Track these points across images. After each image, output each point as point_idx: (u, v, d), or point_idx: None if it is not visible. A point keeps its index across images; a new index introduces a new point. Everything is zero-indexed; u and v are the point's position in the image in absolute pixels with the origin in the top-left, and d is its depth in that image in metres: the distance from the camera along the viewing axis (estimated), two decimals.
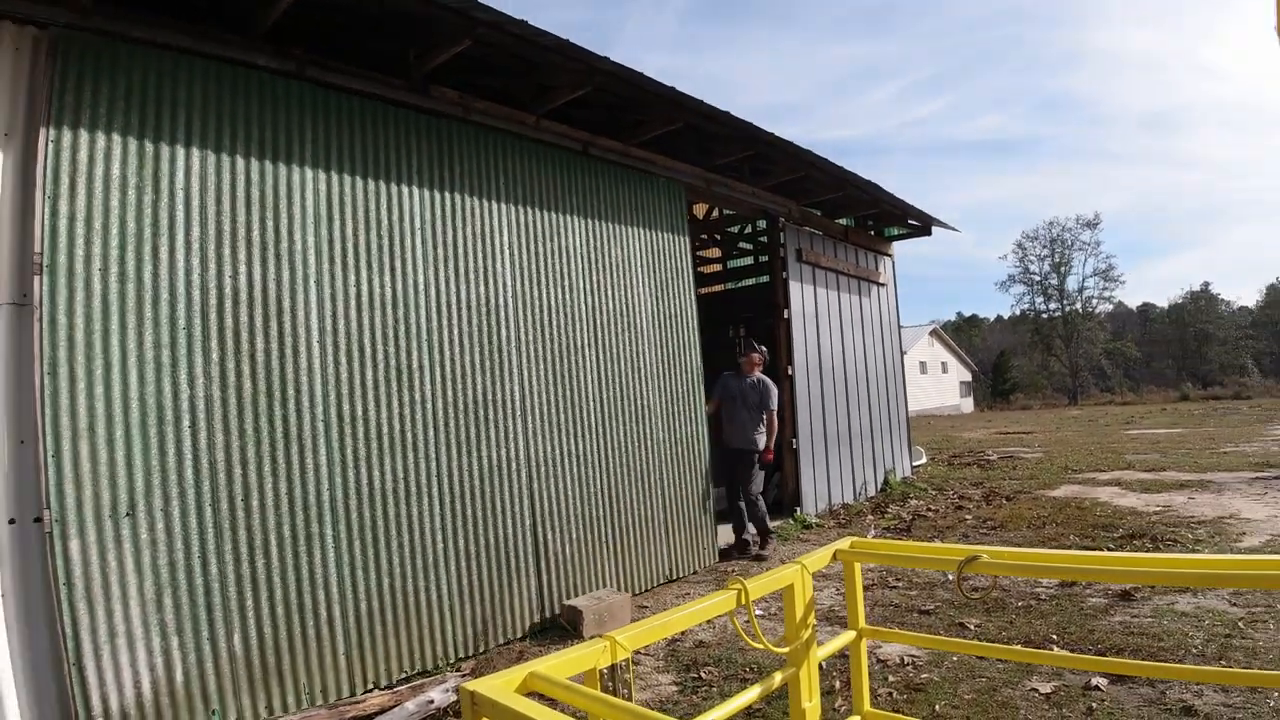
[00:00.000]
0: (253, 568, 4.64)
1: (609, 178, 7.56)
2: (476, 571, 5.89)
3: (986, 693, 4.39)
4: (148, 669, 4.17)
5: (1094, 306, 69.44)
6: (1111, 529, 8.40)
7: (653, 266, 7.96)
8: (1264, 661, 4.49)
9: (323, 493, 5.02)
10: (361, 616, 5.13)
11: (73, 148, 4.18)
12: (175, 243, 4.52)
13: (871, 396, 12.44)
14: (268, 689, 4.64)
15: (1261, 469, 12.19)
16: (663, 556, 7.65)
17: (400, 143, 5.75)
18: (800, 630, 2.38)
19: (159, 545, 4.27)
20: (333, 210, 5.30)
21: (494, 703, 1.40)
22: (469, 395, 5.98)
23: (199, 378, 4.53)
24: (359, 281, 5.38)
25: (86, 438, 4.07)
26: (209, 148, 4.73)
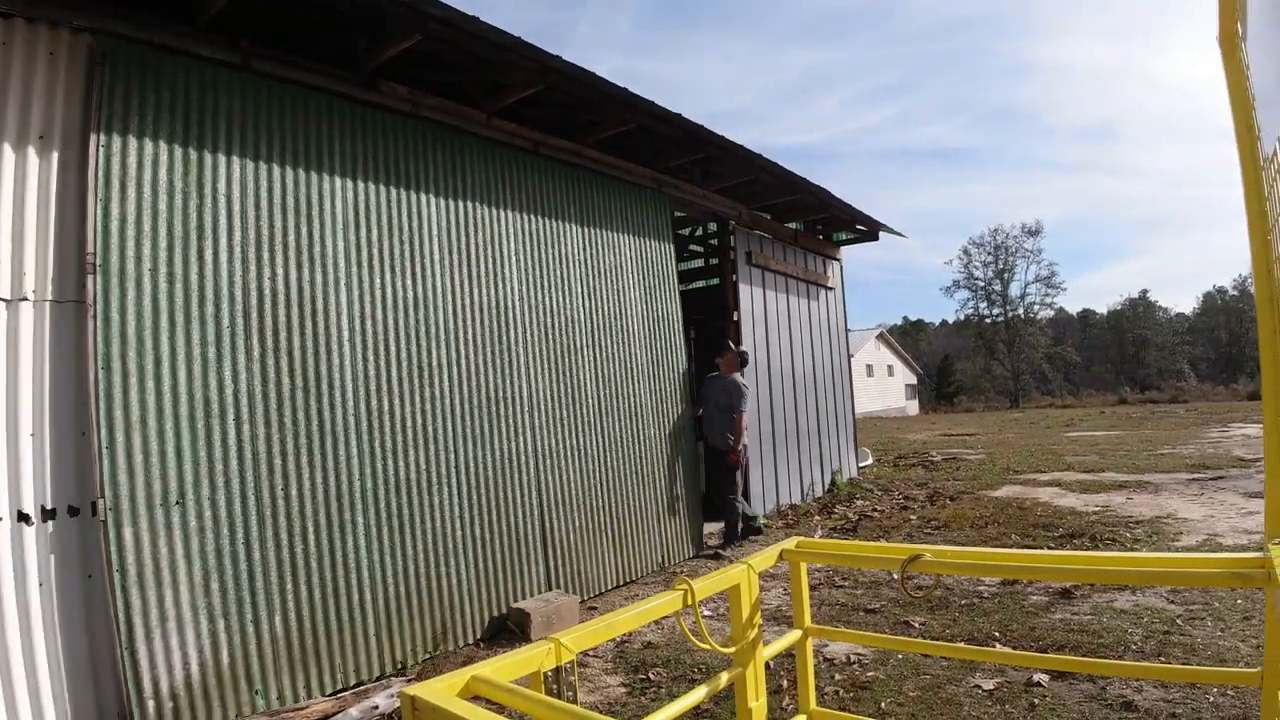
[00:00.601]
0: (292, 553, 4.92)
1: (603, 189, 8.02)
2: (491, 557, 6.25)
3: (931, 690, 4.44)
4: (196, 651, 4.41)
5: (1036, 312, 71.10)
6: (1052, 528, 8.56)
7: (642, 272, 8.46)
8: (1202, 658, 4.59)
9: (354, 483, 5.33)
10: (390, 600, 5.45)
11: (122, 153, 4.40)
12: (219, 245, 4.78)
13: (819, 398, 12.55)
14: (306, 669, 4.91)
15: (1197, 470, 12.51)
16: (655, 545, 8.15)
17: (418, 153, 6.11)
18: (746, 630, 2.37)
19: (206, 532, 4.52)
20: (359, 216, 5.61)
21: (435, 707, 1.37)
22: (483, 392, 6.37)
23: (241, 373, 4.80)
24: (384, 284, 5.71)
25: (139, 430, 4.30)
26: (247, 156, 4.99)
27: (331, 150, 5.48)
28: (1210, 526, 8.13)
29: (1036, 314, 71.18)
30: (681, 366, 8.88)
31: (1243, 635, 4.88)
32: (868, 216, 12.56)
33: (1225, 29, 2.04)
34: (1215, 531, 7.87)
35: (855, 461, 13.91)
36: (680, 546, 8.50)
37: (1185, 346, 74.92)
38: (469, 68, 6.30)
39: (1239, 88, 2.02)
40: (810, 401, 12.23)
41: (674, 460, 8.56)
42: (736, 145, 8.47)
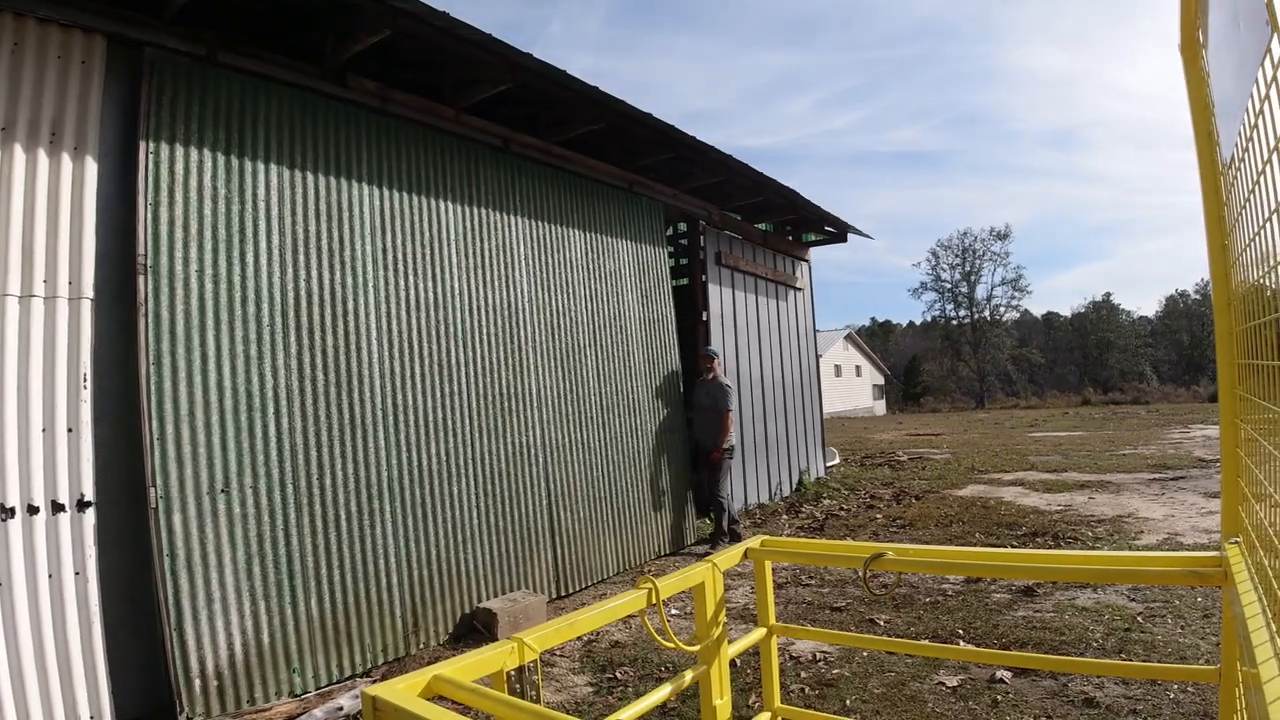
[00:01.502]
0: (326, 539, 5.21)
1: (605, 197, 8.45)
2: (504, 544, 6.59)
3: (895, 687, 4.47)
4: (239, 631, 4.64)
5: (1002, 314, 71.89)
6: (1015, 527, 8.66)
7: (639, 276, 8.87)
8: (1162, 655, 4.66)
9: (381, 473, 5.63)
10: (414, 584, 5.76)
11: (170, 160, 4.63)
12: (259, 248, 5.04)
13: (787, 398, 12.60)
14: (339, 649, 5.19)
15: (1159, 470, 12.71)
16: (653, 536, 8.56)
17: (437, 161, 6.42)
18: (711, 628, 2.38)
19: (249, 519, 4.78)
20: (385, 222, 5.90)
21: (396, 707, 1.36)
22: (496, 388, 6.71)
23: (280, 370, 5.07)
24: (408, 286, 6.02)
25: (187, 422, 4.55)
26: (284, 163, 5.25)
27: (359, 158, 5.75)
28: (1170, 526, 8.26)
29: (1002, 316, 72.02)
30: (674, 365, 9.28)
31: (1202, 633, 4.96)
32: (836, 218, 12.63)
33: (1186, 36, 2.07)
34: (1175, 531, 8.00)
35: (823, 461, 13.98)
36: (673, 539, 8.89)
37: (1148, 349, 76.01)
38: (439, 64, 6.26)
39: (1199, 95, 2.05)
40: (778, 401, 12.28)
41: (668, 454, 8.96)
42: (707, 146, 8.48)
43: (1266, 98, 1.16)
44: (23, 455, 3.98)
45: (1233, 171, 1.66)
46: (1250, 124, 1.33)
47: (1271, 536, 1.47)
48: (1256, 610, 1.39)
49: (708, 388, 9.32)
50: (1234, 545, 1.90)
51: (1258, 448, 1.67)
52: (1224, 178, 1.87)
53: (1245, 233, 1.54)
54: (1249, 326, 1.63)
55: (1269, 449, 1.51)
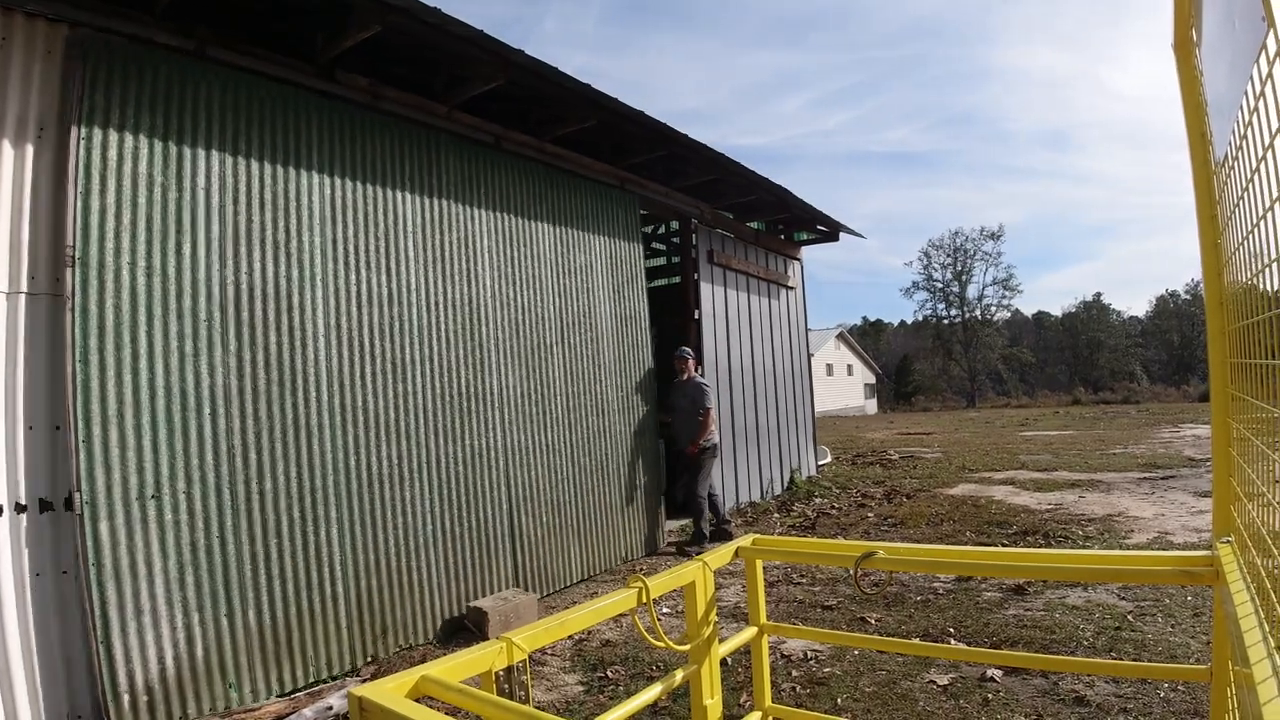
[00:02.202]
0: (266, 547, 4.94)
1: (576, 189, 8.12)
2: (460, 552, 6.31)
3: (886, 685, 4.47)
4: (171, 645, 4.41)
5: (993, 314, 72.04)
6: (1006, 526, 8.67)
7: (611, 272, 8.57)
8: (1152, 654, 4.67)
9: (327, 477, 5.36)
10: (362, 593, 5.49)
11: (103, 145, 4.36)
12: (197, 239, 4.78)
13: (779, 397, 12.60)
14: (279, 662, 4.93)
15: (1149, 469, 12.75)
16: (619, 541, 8.27)
17: (394, 150, 6.13)
18: (702, 628, 2.37)
19: (182, 526, 4.52)
20: (336, 212, 5.63)
21: (382, 708, 1.35)
22: (455, 387, 6.42)
23: (218, 368, 4.81)
24: (359, 280, 5.74)
25: (116, 424, 4.28)
26: (226, 150, 4.98)
27: (309, 146, 5.49)
28: (1161, 525, 8.28)
29: (993, 315, 72.19)
30: (648, 365, 9.01)
31: (1192, 632, 4.98)
32: (828, 217, 12.63)
33: (1179, 35, 2.06)
34: (1165, 530, 8.02)
35: (814, 460, 13.98)
36: (643, 542, 8.62)
37: (1138, 349, 76.32)
38: (431, 61, 6.23)
39: (1192, 94, 2.05)
40: (770, 400, 12.28)
41: (638, 457, 8.67)
42: (700, 144, 8.47)
43: (1261, 95, 1.15)
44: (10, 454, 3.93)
45: (1226, 170, 1.66)
46: (1244, 122, 1.33)
47: (1264, 535, 1.47)
48: (1249, 610, 1.39)
49: (684, 389, 9.24)
50: (1225, 544, 1.90)
51: (1249, 446, 1.66)
52: (1217, 176, 1.86)
53: (1238, 231, 1.54)
54: (1241, 325, 1.62)
55: (1261, 448, 1.51)
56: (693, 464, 9.12)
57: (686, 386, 9.23)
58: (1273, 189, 1.15)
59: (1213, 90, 1.76)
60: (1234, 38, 1.32)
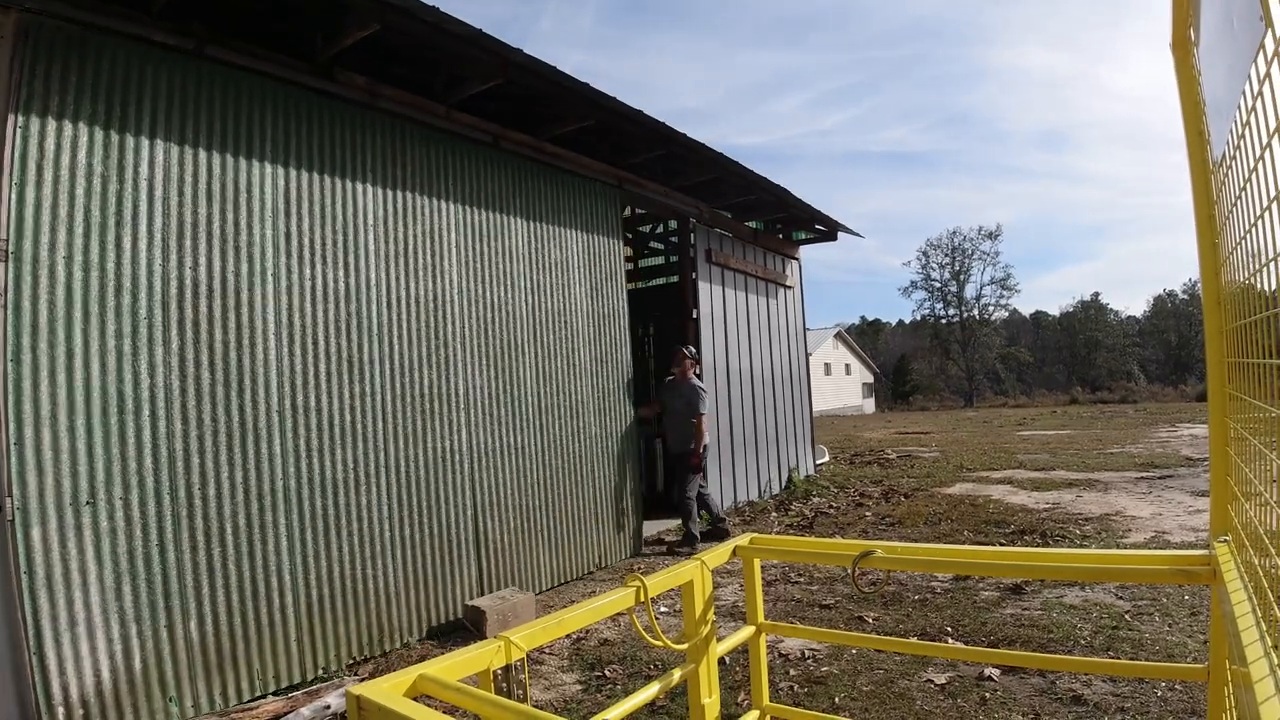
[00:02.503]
0: (209, 555, 4.72)
1: (552, 181, 7.85)
2: (421, 559, 6.08)
3: (884, 684, 4.48)
4: (107, 656, 4.20)
5: (991, 313, 72.15)
6: (1003, 525, 8.68)
7: (589, 267, 8.31)
8: (1150, 653, 4.68)
9: (276, 482, 5.13)
10: (313, 603, 5.26)
11: (40, 135, 4.17)
12: (138, 233, 4.53)
13: (777, 396, 12.60)
14: (222, 674, 4.72)
15: (1146, 469, 12.77)
16: (593, 545, 8.05)
17: (354, 140, 5.88)
18: (699, 626, 2.37)
19: (119, 533, 4.31)
20: (290, 205, 5.38)
21: (380, 707, 1.35)
22: (417, 387, 6.17)
23: (159, 367, 4.57)
24: (314, 275, 5.48)
25: (49, 426, 4.08)
26: (172, 139, 4.75)
27: (262, 135, 5.26)
28: (1158, 524, 8.30)
29: (991, 315, 72.31)
30: (627, 364, 8.79)
31: (1190, 631, 4.98)
32: (826, 216, 12.64)
33: (1178, 34, 2.06)
34: (1163, 529, 8.03)
35: (812, 459, 13.99)
36: (620, 547, 8.44)
37: (1135, 348, 76.36)
38: (430, 60, 6.22)
39: (1190, 93, 2.05)
40: (768, 399, 12.28)
41: (616, 459, 8.48)
42: (698, 143, 8.47)
43: (1259, 95, 1.15)
44: None
45: (1223, 170, 1.66)
46: (1242, 122, 1.33)
47: (1261, 535, 1.47)
48: (1246, 609, 1.39)
49: (680, 389, 9.16)
50: (1223, 543, 1.90)
51: (1247, 446, 1.66)
52: (1215, 176, 1.86)
53: (1235, 231, 1.54)
54: (1239, 325, 1.63)
55: (1258, 447, 1.51)
56: (683, 465, 9.08)
57: (683, 387, 9.15)
58: (1270, 189, 1.15)
59: (1211, 90, 1.76)
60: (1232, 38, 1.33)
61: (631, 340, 12.38)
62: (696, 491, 9.06)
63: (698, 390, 9.11)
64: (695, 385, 9.16)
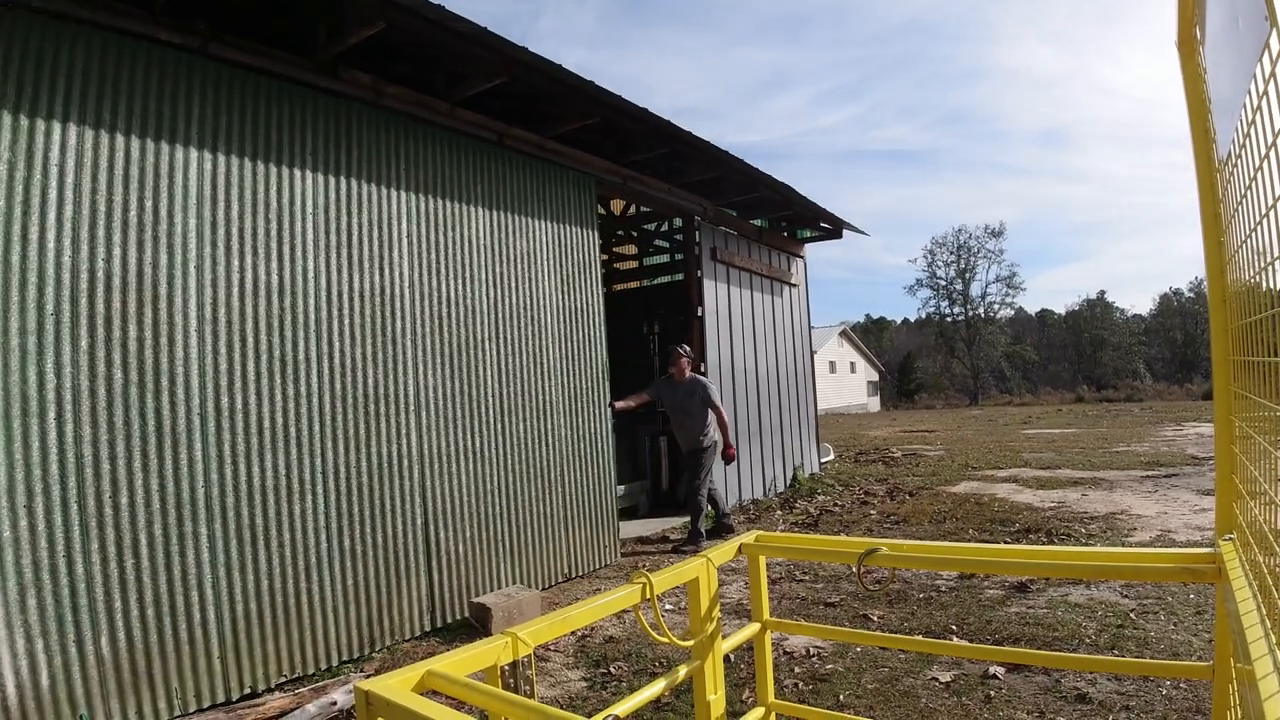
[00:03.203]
0: (121, 568, 4.39)
1: (517, 167, 7.40)
2: (363, 572, 5.70)
3: (889, 682, 4.48)
4: (12, 672, 3.93)
5: (996, 311, 71.96)
6: (1008, 524, 8.67)
7: (559, 259, 7.88)
8: (1155, 651, 4.67)
9: (197, 490, 4.77)
10: (238, 619, 4.92)
11: None
12: (46, 222, 4.20)
13: (782, 395, 12.61)
14: (138, 693, 4.41)
15: (1152, 467, 12.73)
16: (561, 555, 7.61)
17: (295, 123, 5.51)
18: (705, 624, 2.37)
19: (22, 543, 4.00)
20: (217, 191, 5.01)
21: (389, 702, 1.36)
22: (359, 389, 5.78)
23: (66, 367, 4.24)
24: (243, 267, 5.12)
25: None
26: (88, 122, 4.41)
27: (188, 115, 4.88)
28: (1163, 523, 8.28)
29: (996, 313, 72.14)
30: (601, 361, 8.34)
31: (1195, 630, 4.98)
32: (831, 214, 12.62)
33: (1183, 33, 2.06)
34: (1168, 528, 8.01)
35: (817, 457, 13.99)
36: (595, 553, 8.04)
37: (1141, 347, 76.18)
38: (432, 59, 6.23)
39: (1195, 91, 2.05)
40: (773, 397, 12.29)
41: (588, 462, 8.06)
42: (702, 141, 8.47)
43: (1264, 94, 1.16)
44: None
45: (1229, 168, 1.66)
46: (1247, 120, 1.33)
47: (1266, 533, 1.47)
48: (1251, 607, 1.39)
49: (686, 387, 9.01)
50: (1228, 542, 1.90)
51: (1252, 444, 1.67)
52: (1220, 175, 1.87)
53: (1241, 229, 1.54)
54: (1245, 323, 1.63)
55: (1264, 445, 1.51)
56: (692, 462, 8.99)
57: (687, 385, 9.03)
58: (1275, 187, 1.16)
59: (1216, 88, 1.76)
60: (1238, 36, 1.33)
61: (637, 339, 12.40)
62: (707, 490, 9.02)
63: (706, 384, 9.04)
64: (699, 379, 9.11)
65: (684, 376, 9.05)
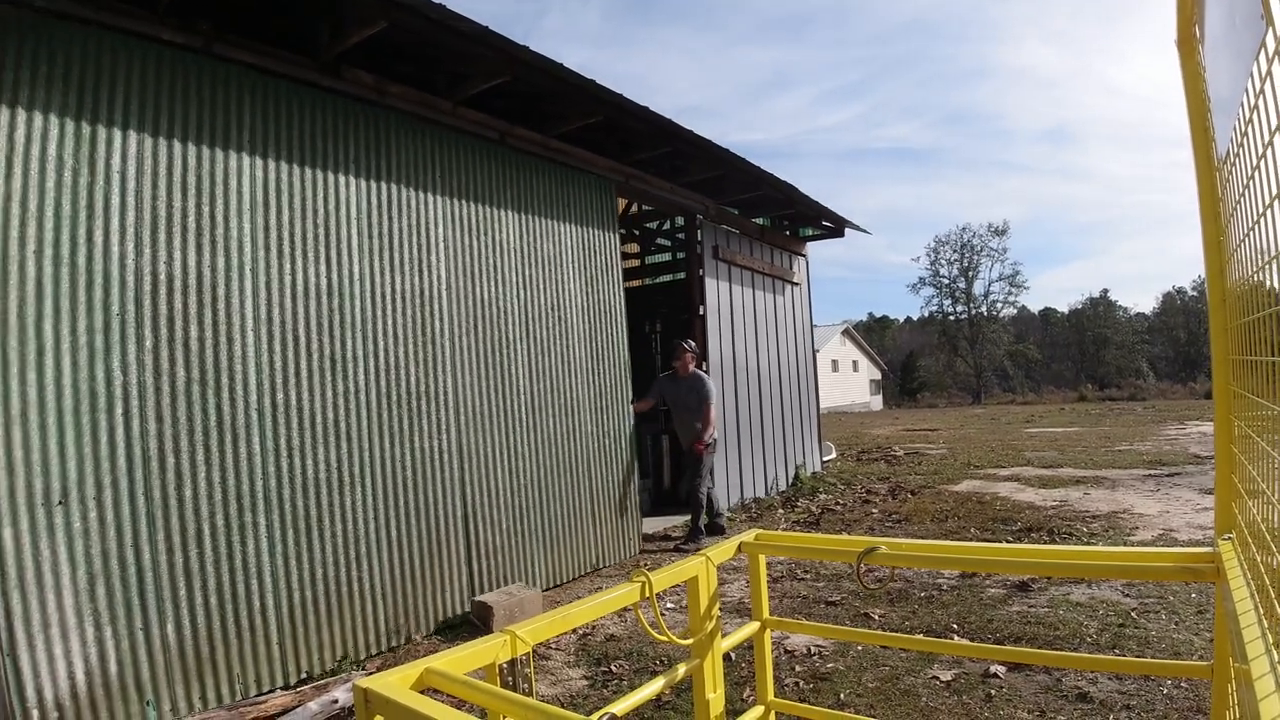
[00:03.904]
0: (185, 557, 4.62)
1: (543, 173, 7.67)
2: (408, 561, 5.96)
3: (889, 681, 4.48)
4: (82, 659, 4.12)
5: (999, 310, 71.89)
6: (1010, 522, 8.67)
7: (583, 262, 8.15)
8: (1156, 650, 4.67)
9: (256, 482, 5.02)
10: (295, 606, 5.17)
11: (10, 127, 4.06)
12: (110, 226, 4.42)
13: (784, 393, 12.60)
14: (201, 678, 4.64)
15: (1154, 466, 12.72)
16: (589, 547, 7.91)
17: (337, 131, 5.76)
18: (705, 622, 2.38)
19: (91, 534, 4.21)
20: (269, 197, 5.26)
21: (388, 700, 1.36)
22: (403, 386, 6.04)
23: (132, 365, 4.46)
24: (294, 270, 5.36)
25: (19, 424, 3.98)
26: (146, 130, 4.63)
27: (240, 125, 5.13)
28: (1165, 522, 8.27)
29: (999, 312, 72.08)
30: (623, 360, 8.64)
31: (1196, 629, 4.97)
32: (833, 212, 12.61)
33: (1183, 31, 2.06)
34: (1170, 527, 8.01)
35: (819, 456, 13.99)
36: (618, 546, 8.31)
37: (1144, 345, 76.03)
38: (433, 59, 6.23)
39: (1195, 90, 2.05)
40: (775, 396, 12.29)
41: (612, 458, 8.31)
42: (705, 140, 8.46)
43: (1261, 92, 1.16)
44: None
45: (1228, 166, 1.66)
46: (1245, 118, 1.33)
47: (1265, 533, 1.47)
48: (1249, 606, 1.39)
49: (689, 383, 9.09)
50: (1227, 541, 1.90)
51: (1252, 444, 1.66)
52: (1219, 173, 1.86)
53: (1240, 227, 1.54)
54: (1244, 322, 1.63)
55: (1264, 446, 1.51)
56: (694, 460, 9.00)
57: (690, 380, 9.09)
58: (1274, 186, 1.15)
59: (1215, 87, 1.76)
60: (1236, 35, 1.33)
61: (638, 337, 12.40)
62: (707, 488, 9.01)
63: (704, 380, 9.08)
64: (700, 375, 9.13)
65: (687, 372, 9.11)
